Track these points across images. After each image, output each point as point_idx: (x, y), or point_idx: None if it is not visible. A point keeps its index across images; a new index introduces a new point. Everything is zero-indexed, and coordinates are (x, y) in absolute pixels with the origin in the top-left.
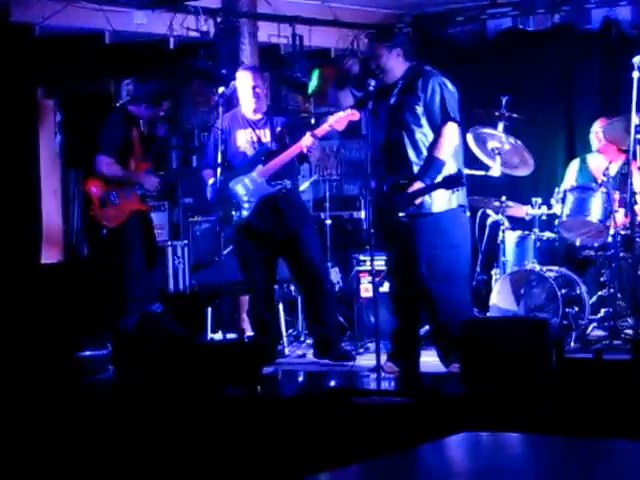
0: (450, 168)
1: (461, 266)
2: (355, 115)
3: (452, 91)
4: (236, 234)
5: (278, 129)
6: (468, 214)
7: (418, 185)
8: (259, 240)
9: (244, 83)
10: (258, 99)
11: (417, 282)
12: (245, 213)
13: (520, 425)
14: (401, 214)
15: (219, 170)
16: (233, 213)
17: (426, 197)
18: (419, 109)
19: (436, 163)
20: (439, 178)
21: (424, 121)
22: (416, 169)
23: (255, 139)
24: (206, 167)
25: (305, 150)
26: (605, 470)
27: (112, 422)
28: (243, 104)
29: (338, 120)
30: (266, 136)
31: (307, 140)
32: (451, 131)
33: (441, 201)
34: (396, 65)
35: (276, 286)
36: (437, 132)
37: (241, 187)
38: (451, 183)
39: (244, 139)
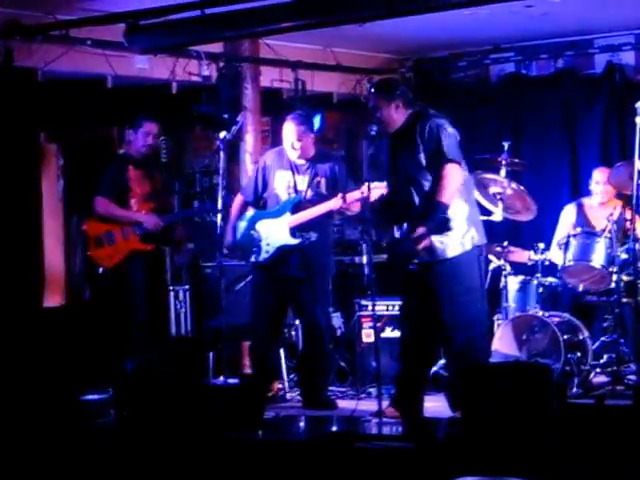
0: (458, 209)
1: (480, 310)
2: (385, 189)
3: (451, 132)
4: (253, 272)
5: (317, 179)
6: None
7: (421, 231)
8: (272, 285)
9: (287, 133)
10: (300, 150)
11: (437, 329)
12: (263, 257)
13: (521, 471)
14: (415, 261)
15: (250, 209)
16: (253, 252)
17: (438, 243)
18: (420, 156)
19: (439, 207)
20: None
21: (423, 164)
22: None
23: (292, 184)
24: (242, 194)
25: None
26: None
27: (114, 465)
28: (287, 148)
29: (372, 190)
30: (304, 183)
31: (336, 203)
32: (452, 172)
33: (454, 245)
34: (396, 115)
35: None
36: (438, 175)
37: (265, 231)
38: (438, 229)
39: (281, 181)
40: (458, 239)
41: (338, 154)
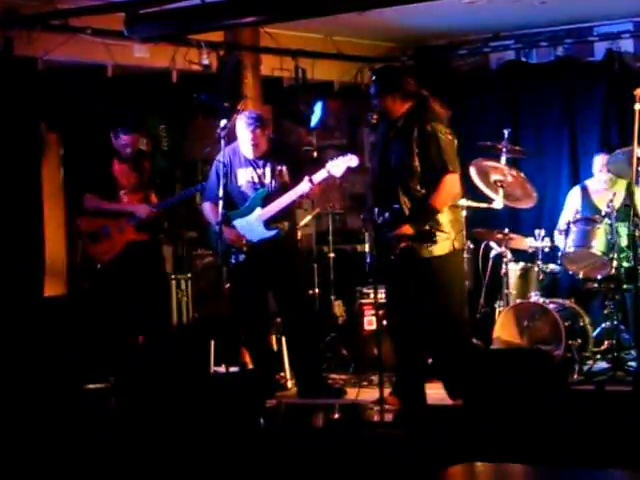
0: (446, 216)
1: (454, 306)
2: (353, 161)
3: (449, 139)
4: (231, 272)
5: (279, 169)
6: (466, 256)
7: (406, 229)
8: (251, 277)
9: (241, 130)
10: (255, 147)
11: (409, 321)
12: (242, 255)
13: (522, 457)
14: (398, 252)
15: (220, 203)
16: (233, 252)
17: (418, 244)
18: (413, 160)
19: (430, 211)
20: (443, 224)
21: (417, 170)
22: (406, 211)
23: (256, 179)
24: (208, 199)
25: (304, 195)
26: None
27: (115, 454)
28: (242, 147)
29: (336, 166)
30: (266, 176)
31: (304, 186)
32: (451, 182)
33: (433, 247)
34: (394, 107)
35: (278, 319)
36: (437, 183)
37: (240, 229)
38: (422, 239)
39: (244, 178)
40: (442, 241)
41: (291, 143)
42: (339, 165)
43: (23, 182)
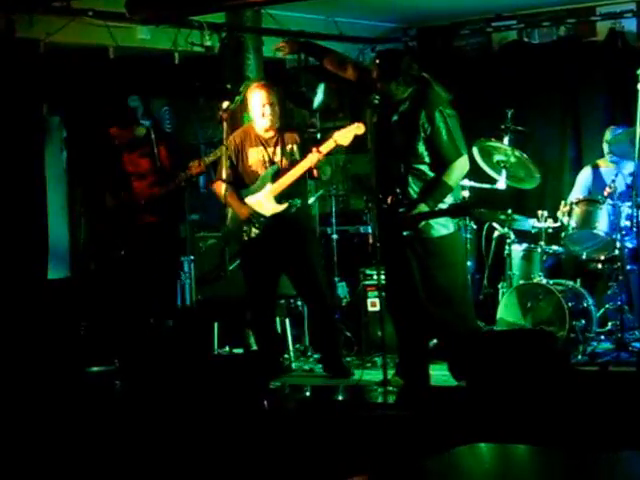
0: (453, 195)
1: (458, 286)
2: (360, 129)
3: (455, 121)
4: (242, 250)
5: (289, 147)
6: (469, 237)
7: (422, 208)
8: (264, 256)
9: (256, 100)
10: (271, 117)
11: (414, 303)
12: (255, 231)
13: (526, 438)
14: (405, 233)
15: (224, 186)
16: (244, 230)
17: (426, 222)
18: (418, 144)
19: (443, 188)
20: (444, 204)
21: (423, 153)
22: (413, 192)
23: (267, 158)
24: (218, 179)
25: (313, 167)
26: None
27: (119, 436)
28: (255, 121)
29: (343, 135)
30: (277, 154)
31: (313, 157)
32: (463, 162)
33: (440, 226)
34: (397, 91)
35: (282, 301)
36: (449, 163)
37: (252, 206)
38: (456, 212)
39: (256, 158)
40: (444, 220)
41: (300, 125)
42: (346, 134)
43: (26, 165)
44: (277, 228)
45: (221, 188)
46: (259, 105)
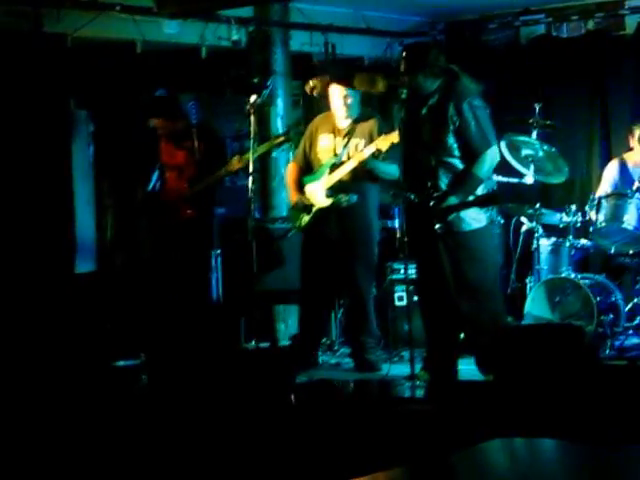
0: (481, 188)
1: (489, 280)
2: (395, 138)
3: (485, 112)
4: (303, 238)
5: (356, 140)
6: (501, 221)
7: (452, 200)
8: (316, 246)
9: (336, 92)
10: (348, 108)
11: (445, 297)
12: (306, 219)
13: (554, 431)
14: (436, 226)
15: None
16: (297, 217)
17: (457, 214)
18: (448, 136)
19: (474, 180)
20: (475, 196)
21: (452, 145)
22: (444, 185)
23: (333, 147)
24: (293, 160)
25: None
26: (637, 477)
27: (145, 430)
28: (335, 111)
29: (384, 141)
30: (341, 146)
31: (357, 158)
32: (493, 153)
33: (472, 220)
34: (425, 84)
35: None
36: (478, 155)
37: (308, 194)
38: (486, 202)
39: (324, 145)
40: (476, 214)
41: (375, 114)
42: (386, 140)
43: (53, 159)
44: (328, 220)
45: (288, 169)
46: (337, 96)
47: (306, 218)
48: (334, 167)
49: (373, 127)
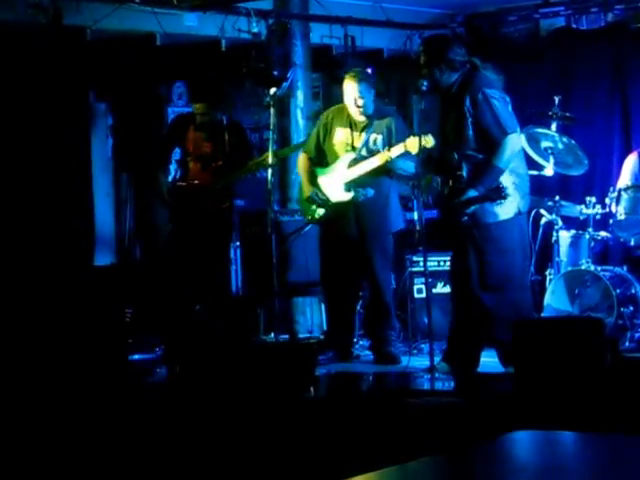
0: (509, 179)
1: (515, 272)
2: (429, 143)
3: (502, 102)
4: (319, 228)
5: (374, 136)
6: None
7: (471, 193)
8: (333, 239)
9: (348, 90)
10: (361, 107)
11: (470, 289)
12: (320, 212)
13: (574, 425)
14: (464, 218)
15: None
16: (311, 209)
17: (482, 207)
18: (467, 128)
19: (493, 170)
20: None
21: (472, 137)
22: (464, 177)
23: (350, 141)
24: (304, 150)
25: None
26: None
27: (164, 423)
28: (349, 109)
29: (413, 143)
30: (360, 141)
31: (382, 157)
32: (513, 141)
33: (497, 212)
34: (445, 75)
35: None
36: (496, 145)
37: (323, 187)
38: (493, 195)
39: (341, 138)
40: (502, 205)
41: (393, 109)
42: (417, 142)
43: (72, 151)
44: (344, 214)
45: (300, 160)
46: (350, 95)
47: (320, 211)
48: (354, 162)
49: (391, 124)
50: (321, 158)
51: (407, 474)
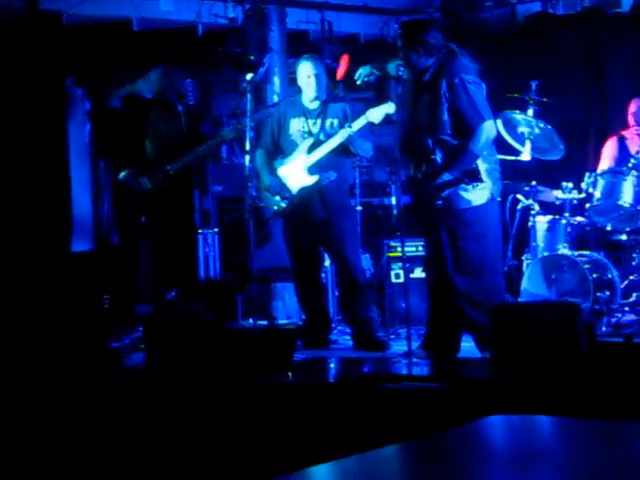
0: (482, 165)
1: (488, 258)
2: (391, 108)
3: (478, 88)
4: (282, 221)
5: (329, 120)
6: (498, 199)
7: (446, 177)
8: (298, 228)
9: (302, 72)
10: (317, 88)
11: (445, 273)
12: (282, 203)
13: (550, 408)
14: (438, 202)
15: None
16: (276, 199)
17: (455, 192)
18: (442, 113)
19: (468, 155)
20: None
21: (447, 122)
22: (439, 162)
23: (306, 129)
24: (261, 147)
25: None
26: (635, 452)
27: (142, 408)
28: (303, 92)
29: (375, 113)
30: (316, 126)
31: (344, 133)
32: (488, 128)
33: (471, 197)
34: (419, 60)
35: None
36: (472, 131)
37: (284, 175)
38: (469, 178)
39: (295, 128)
40: (476, 191)
41: (348, 97)
42: (378, 112)
43: (48, 138)
44: (309, 199)
45: (257, 156)
46: (304, 76)
47: (282, 202)
48: (313, 147)
49: (345, 108)
50: (279, 151)
51: (382, 458)
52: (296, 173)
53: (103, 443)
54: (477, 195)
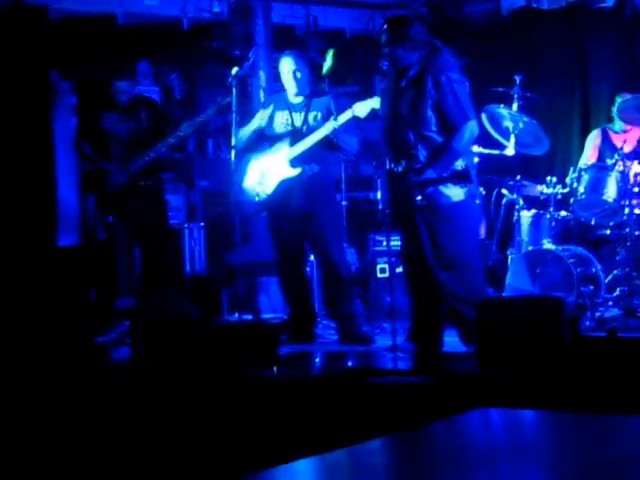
0: (461, 162)
1: (468, 252)
2: (377, 103)
3: (463, 86)
4: (266, 213)
5: (313, 113)
6: (478, 202)
7: (429, 174)
8: (282, 220)
9: (285, 67)
10: (298, 83)
11: (426, 268)
12: (266, 194)
13: (534, 403)
14: (418, 198)
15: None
16: (257, 192)
17: (435, 188)
18: (426, 109)
19: (451, 153)
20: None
21: (431, 119)
22: (423, 159)
23: (290, 122)
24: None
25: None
26: (618, 446)
27: (129, 403)
28: (286, 87)
29: (361, 107)
30: (300, 119)
31: (329, 126)
32: (472, 127)
33: (450, 193)
34: (404, 55)
35: None
36: (456, 129)
37: (265, 168)
38: (459, 178)
39: (280, 121)
40: (454, 188)
41: (333, 91)
42: (364, 106)
43: (33, 132)
44: (293, 191)
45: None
46: (285, 72)
47: (266, 192)
48: (296, 138)
49: (329, 102)
50: (265, 144)
51: (367, 452)
52: (279, 164)
53: (90, 437)
54: (456, 192)
